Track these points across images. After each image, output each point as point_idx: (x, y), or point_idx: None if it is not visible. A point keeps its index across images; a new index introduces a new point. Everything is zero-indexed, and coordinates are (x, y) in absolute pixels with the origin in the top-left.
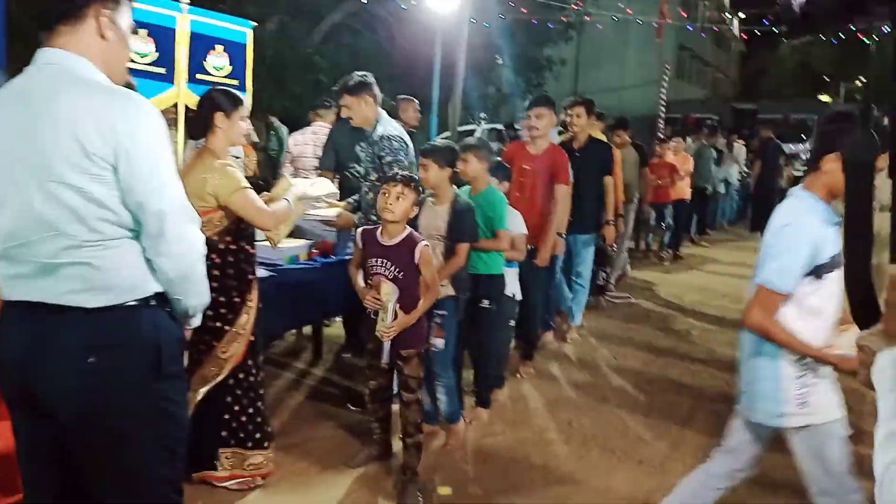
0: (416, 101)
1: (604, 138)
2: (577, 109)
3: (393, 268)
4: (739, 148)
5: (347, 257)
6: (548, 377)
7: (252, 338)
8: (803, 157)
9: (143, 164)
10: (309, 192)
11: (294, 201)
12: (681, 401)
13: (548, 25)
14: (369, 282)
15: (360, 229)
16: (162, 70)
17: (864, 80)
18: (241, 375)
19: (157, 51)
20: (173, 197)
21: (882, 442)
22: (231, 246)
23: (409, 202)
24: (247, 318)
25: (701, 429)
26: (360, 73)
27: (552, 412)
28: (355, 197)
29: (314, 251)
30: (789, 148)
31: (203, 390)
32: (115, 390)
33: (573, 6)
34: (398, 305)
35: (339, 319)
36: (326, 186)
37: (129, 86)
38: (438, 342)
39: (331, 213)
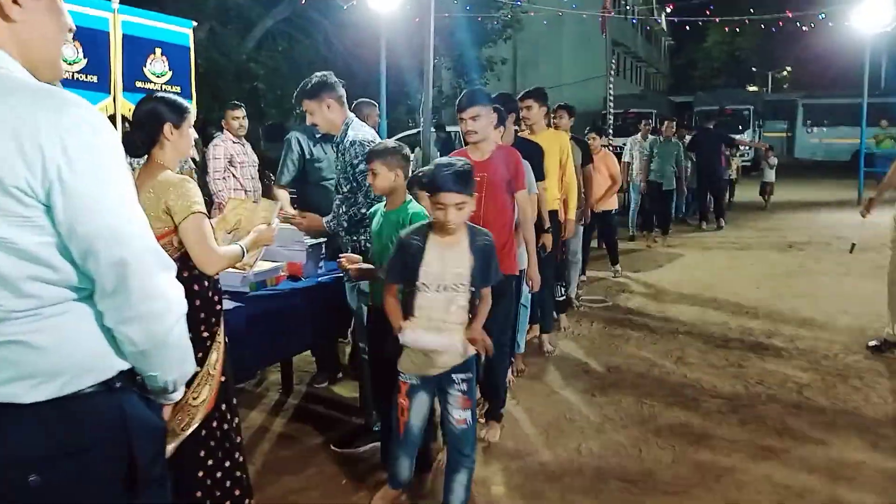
0: (376, 106)
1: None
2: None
3: None
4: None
5: (320, 279)
6: (541, 397)
7: (223, 379)
8: (741, 147)
9: (89, 196)
10: (254, 221)
11: (249, 245)
12: (688, 415)
13: (494, 23)
14: None
15: None
16: (94, 78)
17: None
18: (213, 424)
19: (86, 57)
20: (137, 238)
21: None
22: (195, 272)
23: None
24: (217, 357)
25: (720, 446)
26: (320, 73)
27: (556, 438)
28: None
29: (281, 275)
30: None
31: (172, 446)
32: None
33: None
34: None
35: None
36: (266, 207)
37: None
38: (466, 415)
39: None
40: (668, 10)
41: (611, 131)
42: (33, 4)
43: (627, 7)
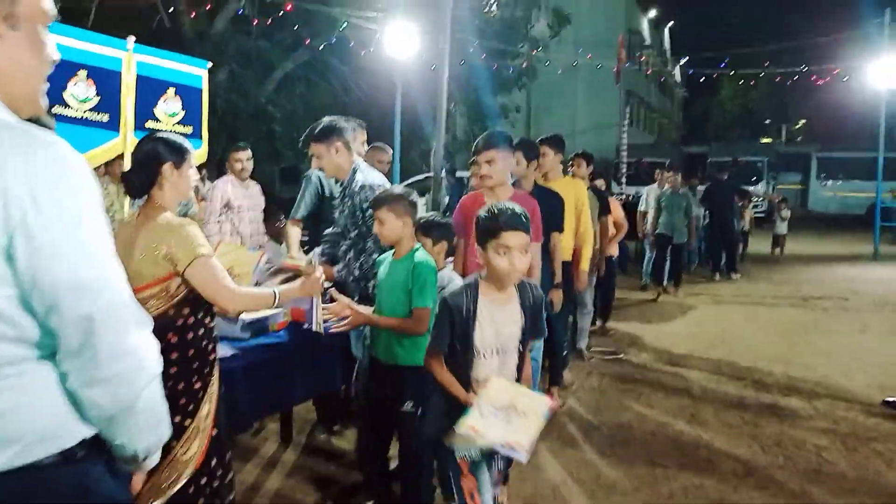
0: (390, 151)
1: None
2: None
3: None
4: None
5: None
6: (548, 454)
7: (214, 432)
8: (754, 199)
9: (56, 242)
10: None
11: (287, 292)
12: (703, 478)
13: (505, 69)
14: None
15: None
16: (104, 117)
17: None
18: (203, 481)
19: (98, 95)
20: (107, 290)
21: None
22: (189, 320)
23: None
24: (208, 409)
25: None
26: (329, 117)
27: (564, 500)
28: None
29: (283, 321)
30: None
31: None
32: None
33: (533, 51)
34: None
35: None
36: (251, 259)
37: (44, 126)
38: (499, 492)
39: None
40: (683, 62)
41: (623, 179)
42: (13, 35)
43: (642, 58)
